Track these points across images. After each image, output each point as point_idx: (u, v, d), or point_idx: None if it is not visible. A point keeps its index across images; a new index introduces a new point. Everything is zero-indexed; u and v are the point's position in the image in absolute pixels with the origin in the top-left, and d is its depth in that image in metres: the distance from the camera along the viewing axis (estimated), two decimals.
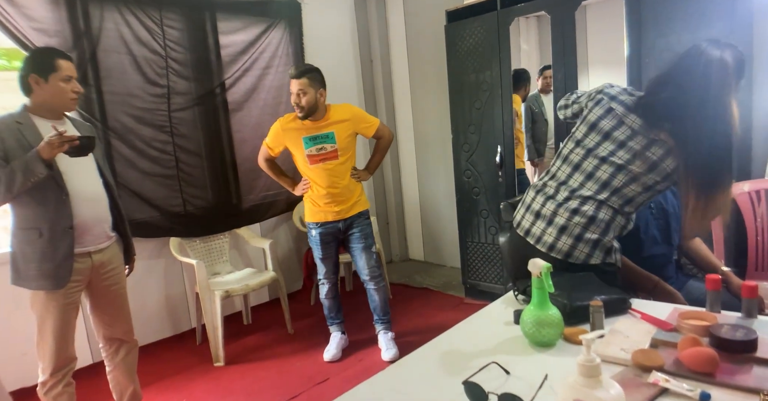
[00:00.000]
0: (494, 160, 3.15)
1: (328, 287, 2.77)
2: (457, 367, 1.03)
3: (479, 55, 3.14)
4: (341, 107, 2.61)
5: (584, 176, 1.50)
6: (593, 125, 1.51)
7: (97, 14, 2.71)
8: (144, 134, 2.91)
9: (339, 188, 2.58)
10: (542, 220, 1.54)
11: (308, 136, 2.54)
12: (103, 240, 1.96)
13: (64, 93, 1.82)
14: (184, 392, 2.53)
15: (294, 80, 2.46)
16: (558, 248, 1.48)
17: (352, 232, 2.67)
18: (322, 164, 2.55)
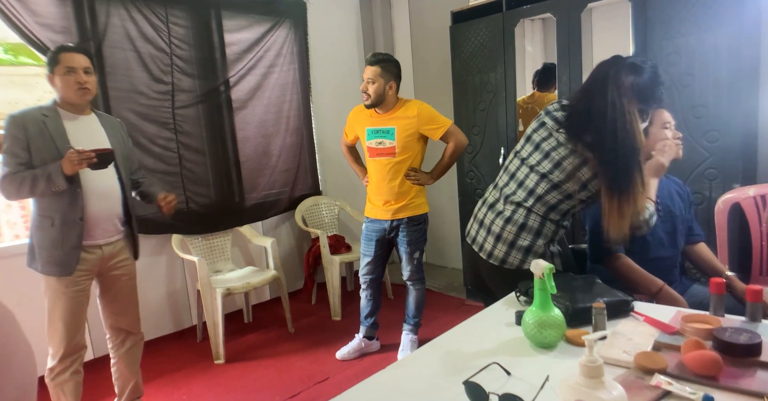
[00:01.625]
0: (497, 162, 3.14)
1: (363, 287, 2.72)
2: (457, 367, 1.02)
3: (484, 56, 3.13)
4: (410, 104, 2.50)
5: (516, 183, 1.59)
6: (528, 137, 1.59)
7: (103, 10, 2.71)
8: (148, 130, 2.92)
9: (390, 186, 2.50)
10: (484, 229, 1.64)
11: (371, 128, 2.49)
12: (113, 234, 2.01)
13: (68, 85, 1.85)
14: (184, 388, 2.52)
15: (367, 67, 2.42)
16: (495, 256, 1.58)
17: (399, 236, 2.59)
18: (379, 158, 2.50)
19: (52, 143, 1.83)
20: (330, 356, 2.76)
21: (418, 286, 2.69)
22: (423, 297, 2.73)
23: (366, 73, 2.43)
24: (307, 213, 3.71)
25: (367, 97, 2.44)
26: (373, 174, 2.56)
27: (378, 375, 1.03)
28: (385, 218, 2.56)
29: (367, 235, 2.65)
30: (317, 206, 3.79)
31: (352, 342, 2.78)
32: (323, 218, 3.80)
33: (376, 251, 2.65)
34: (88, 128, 1.95)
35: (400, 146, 2.46)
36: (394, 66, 2.47)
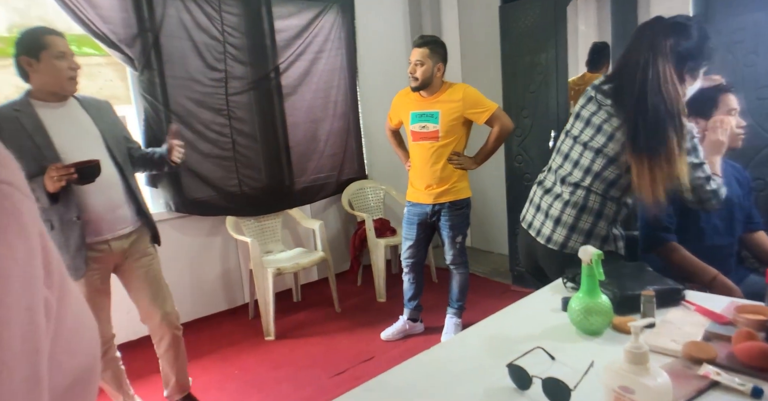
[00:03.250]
0: (547, 145, 3.07)
1: (405, 270, 2.76)
2: (502, 350, 1.05)
3: (534, 36, 3.05)
4: (455, 87, 2.48)
5: (571, 163, 1.54)
6: (578, 114, 1.54)
7: (160, 2, 2.82)
8: (203, 117, 3.04)
9: (432, 170, 2.51)
10: (541, 212, 1.60)
11: (415, 111, 2.50)
12: (122, 226, 1.86)
13: (60, 71, 1.67)
14: (237, 363, 2.67)
15: (415, 49, 2.40)
16: (554, 240, 1.54)
17: (441, 220, 2.59)
18: (422, 142, 2.51)
19: (30, 141, 1.64)
20: (375, 336, 2.84)
21: (461, 270, 2.71)
22: (466, 281, 2.75)
23: (414, 56, 2.42)
24: (354, 197, 3.77)
25: (414, 80, 2.43)
26: (416, 158, 2.57)
27: (422, 355, 1.07)
28: (427, 202, 2.57)
29: (408, 219, 2.67)
30: (363, 190, 3.85)
31: (396, 324, 2.84)
32: (369, 201, 3.86)
33: (417, 235, 2.67)
34: (70, 117, 1.77)
35: (443, 130, 2.45)
36: (442, 48, 2.45)
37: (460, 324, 2.76)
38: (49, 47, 1.64)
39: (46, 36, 1.65)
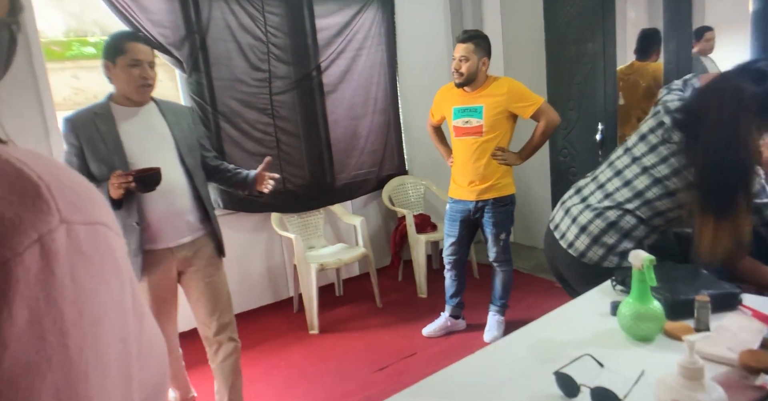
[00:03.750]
0: (594, 138, 2.98)
1: (447, 267, 2.75)
2: (548, 356, 1.03)
3: (580, 25, 2.95)
4: (500, 81, 2.45)
5: (622, 181, 1.50)
6: (643, 136, 1.50)
7: (206, 5, 2.90)
8: (249, 116, 3.12)
9: (475, 167, 2.48)
10: (569, 217, 1.58)
11: (458, 107, 2.48)
12: (185, 234, 1.80)
13: (130, 79, 1.67)
14: (283, 355, 2.74)
15: (459, 44, 2.37)
16: (576, 247, 1.53)
17: (484, 217, 2.57)
18: (465, 137, 2.48)
19: (102, 144, 1.67)
20: (416, 332, 2.85)
21: (504, 267, 2.68)
22: (510, 279, 2.71)
23: (458, 52, 2.38)
24: (394, 193, 3.78)
25: (459, 76, 2.40)
26: (459, 154, 2.55)
27: (468, 359, 1.06)
28: (469, 198, 2.55)
29: (451, 216, 2.65)
30: (403, 186, 3.86)
31: (438, 320, 2.84)
32: (409, 197, 3.86)
33: (460, 232, 2.65)
34: (144, 122, 1.76)
35: (487, 125, 2.42)
36: (486, 42, 2.42)
37: (503, 321, 2.73)
38: (126, 53, 1.65)
39: (127, 42, 1.66)
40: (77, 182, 0.33)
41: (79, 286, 0.30)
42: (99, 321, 0.31)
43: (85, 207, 0.32)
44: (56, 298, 0.29)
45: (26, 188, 0.30)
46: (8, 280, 0.28)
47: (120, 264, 0.34)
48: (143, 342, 0.35)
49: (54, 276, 0.29)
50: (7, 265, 0.28)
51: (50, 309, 0.29)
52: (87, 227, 0.32)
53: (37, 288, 0.28)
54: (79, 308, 0.30)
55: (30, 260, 0.28)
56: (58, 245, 0.30)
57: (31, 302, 0.28)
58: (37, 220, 0.29)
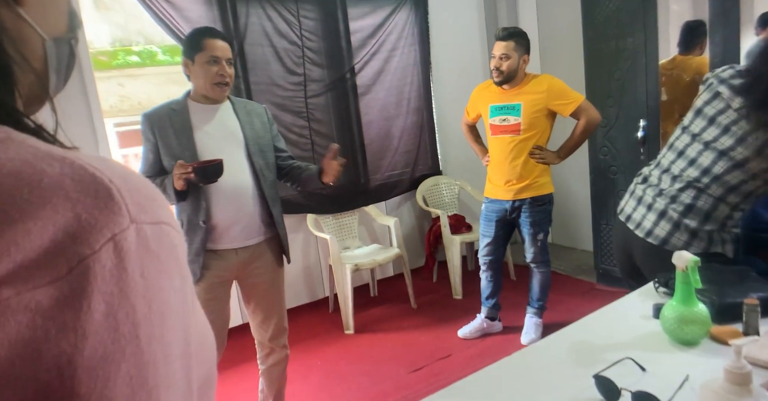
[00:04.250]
0: (636, 136, 2.89)
1: (483, 268, 2.73)
2: (588, 359, 1.01)
3: (620, 20, 2.87)
4: (539, 78, 2.42)
5: (686, 161, 1.43)
6: (699, 111, 1.43)
7: (243, 11, 2.98)
8: (285, 120, 3.18)
9: (512, 166, 2.44)
10: (643, 205, 1.51)
11: (495, 105, 2.45)
12: (252, 236, 1.77)
13: (208, 76, 1.64)
14: (319, 354, 2.78)
15: (499, 42, 2.34)
16: (655, 234, 1.45)
17: (521, 217, 2.53)
18: (502, 136, 2.46)
19: (175, 140, 1.67)
20: (451, 333, 2.84)
21: (542, 269, 2.63)
22: (548, 280, 2.66)
23: (498, 50, 2.35)
24: (428, 193, 3.77)
25: (500, 74, 2.37)
26: (495, 153, 2.52)
27: (505, 361, 1.05)
28: (506, 198, 2.51)
29: (486, 215, 2.62)
30: (437, 186, 3.84)
31: (474, 322, 2.81)
32: (443, 197, 3.84)
33: (496, 232, 2.62)
34: (218, 120, 1.74)
35: (526, 123, 2.38)
36: (525, 39, 2.39)
37: (541, 324, 2.69)
38: (204, 50, 1.62)
39: (206, 39, 1.63)
40: (143, 184, 0.36)
41: (148, 281, 0.32)
42: (165, 314, 0.33)
43: (150, 208, 0.34)
44: (128, 293, 0.31)
45: (100, 191, 0.32)
46: (87, 276, 0.30)
47: (181, 260, 0.36)
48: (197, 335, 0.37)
49: (126, 272, 0.31)
50: (86, 262, 0.30)
51: (123, 303, 0.31)
52: (153, 226, 0.34)
53: (112, 284, 0.31)
54: (148, 302, 0.32)
55: (105, 258, 0.31)
56: (129, 244, 0.32)
57: (107, 296, 0.30)
58: (110, 220, 0.32)
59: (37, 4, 0.41)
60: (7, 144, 0.34)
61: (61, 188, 0.31)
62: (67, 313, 0.29)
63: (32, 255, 0.29)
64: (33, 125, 0.38)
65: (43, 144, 0.35)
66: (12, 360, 0.28)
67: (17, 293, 0.29)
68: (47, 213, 0.30)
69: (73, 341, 0.29)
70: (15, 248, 0.29)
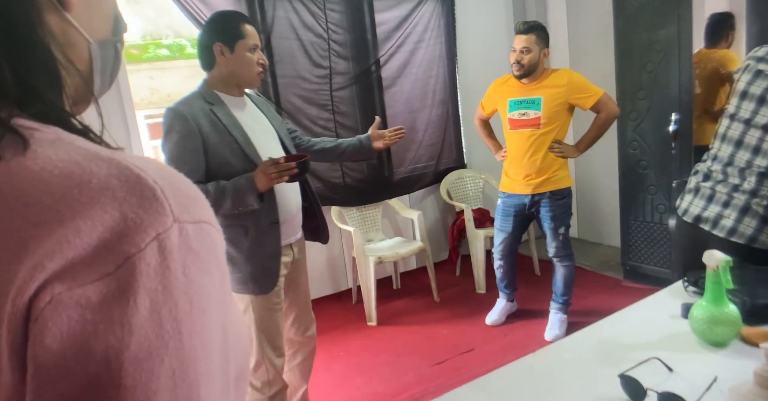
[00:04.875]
0: (667, 130, 2.82)
1: (499, 263, 2.76)
2: (613, 358, 1.00)
3: (653, 11, 2.79)
4: (559, 72, 2.44)
5: (749, 151, 1.34)
6: (744, 93, 1.35)
7: (271, 5, 3.00)
8: (310, 113, 3.20)
9: (532, 160, 2.45)
10: (716, 204, 1.41)
11: (514, 99, 2.46)
12: (298, 228, 1.74)
13: (251, 65, 1.53)
14: (342, 345, 2.81)
15: (520, 36, 2.34)
16: (740, 232, 1.35)
17: (541, 211, 2.53)
18: (521, 130, 2.46)
19: (229, 137, 1.50)
20: (474, 327, 2.84)
21: (565, 263, 2.61)
22: (572, 275, 2.64)
23: (519, 43, 2.35)
24: (452, 187, 3.76)
25: (520, 67, 2.37)
26: (514, 147, 2.52)
27: (529, 358, 1.05)
28: (525, 192, 2.52)
29: (504, 210, 2.64)
30: (462, 180, 3.82)
31: (497, 307, 2.88)
32: (468, 191, 3.82)
33: (514, 226, 2.64)
34: (252, 113, 1.66)
35: (546, 117, 2.39)
36: (545, 33, 2.38)
37: (566, 320, 2.66)
38: (246, 38, 1.51)
39: (244, 25, 1.52)
40: (185, 184, 0.37)
41: (190, 279, 0.34)
42: (205, 311, 0.35)
43: (192, 207, 0.36)
44: (171, 290, 0.33)
45: (145, 192, 0.34)
46: (133, 273, 0.31)
47: (220, 258, 0.38)
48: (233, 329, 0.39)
49: (169, 270, 0.33)
50: (132, 259, 0.32)
51: (167, 299, 0.32)
52: (195, 225, 0.35)
53: (156, 281, 0.32)
54: (190, 298, 0.33)
55: (150, 256, 0.32)
56: (172, 242, 0.33)
57: (152, 293, 0.32)
58: (155, 220, 0.33)
59: (84, 9, 0.42)
60: (57, 145, 0.35)
61: (109, 188, 0.33)
62: (115, 309, 0.31)
63: (82, 253, 0.31)
64: (80, 126, 0.40)
65: (91, 145, 0.37)
66: (63, 353, 0.30)
67: (68, 289, 0.30)
68: (96, 213, 0.32)
69: (120, 335, 0.30)
70: (67, 245, 0.31)
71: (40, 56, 0.38)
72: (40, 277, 0.31)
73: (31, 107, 0.37)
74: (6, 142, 0.34)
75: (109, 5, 0.47)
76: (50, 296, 0.30)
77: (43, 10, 0.39)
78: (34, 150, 0.34)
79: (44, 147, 0.35)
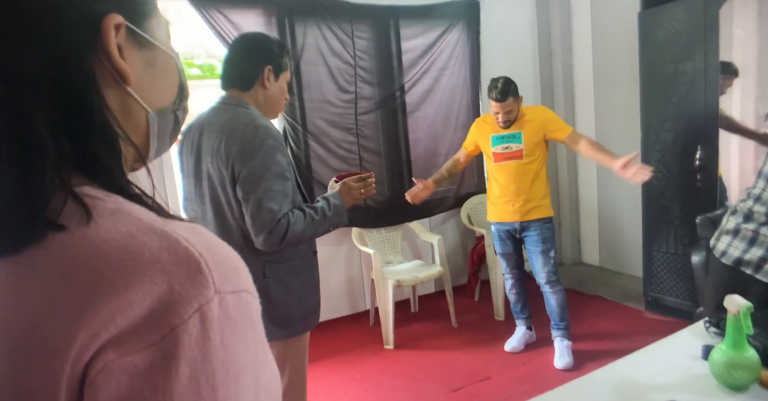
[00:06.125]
0: (692, 162, 2.80)
1: (511, 282, 2.85)
2: (632, 399, 1.01)
3: (679, 43, 2.80)
4: (534, 110, 2.66)
5: None
6: None
7: (301, 31, 3.10)
8: (335, 136, 3.28)
9: (518, 186, 2.61)
10: (759, 246, 1.37)
11: (496, 134, 2.63)
12: None
13: (283, 96, 1.51)
14: (358, 368, 2.82)
15: (499, 103, 2.48)
16: None
17: (529, 234, 2.66)
18: (506, 162, 2.63)
19: (290, 160, 1.46)
20: (492, 354, 2.82)
21: (557, 287, 2.69)
22: (564, 298, 2.71)
23: (498, 108, 2.50)
24: (473, 211, 3.77)
25: (506, 123, 2.56)
26: (500, 178, 2.66)
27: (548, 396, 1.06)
28: (513, 220, 2.65)
29: (499, 236, 2.77)
30: (483, 205, 3.80)
31: (517, 334, 2.89)
32: None
33: (513, 248, 2.76)
34: None
35: (527, 148, 2.56)
36: (515, 85, 2.53)
37: (570, 345, 2.70)
38: (287, 70, 1.49)
39: (286, 57, 1.48)
40: (228, 255, 0.40)
41: (226, 347, 0.36)
42: (239, 377, 0.37)
43: (233, 277, 0.38)
44: (210, 358, 0.35)
45: (191, 264, 0.36)
46: (176, 343, 0.34)
47: (255, 323, 0.40)
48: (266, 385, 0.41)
49: (209, 340, 0.35)
50: (176, 330, 0.34)
51: (205, 367, 0.34)
52: (234, 295, 0.37)
53: (196, 350, 0.34)
54: (226, 366, 0.36)
55: (192, 326, 0.34)
56: (213, 314, 0.35)
57: (192, 362, 0.34)
58: (199, 293, 0.35)
59: (147, 81, 0.45)
60: (117, 216, 0.38)
61: (159, 261, 0.35)
62: (159, 376, 0.33)
63: (133, 322, 0.34)
64: (137, 191, 0.43)
65: (146, 214, 0.40)
66: None
67: (119, 357, 0.33)
68: (147, 285, 0.34)
69: None
70: (120, 316, 0.33)
71: (99, 126, 0.41)
72: (96, 345, 0.33)
73: (99, 176, 0.40)
74: (71, 211, 0.37)
75: (174, 76, 0.50)
76: (103, 364, 0.33)
77: (102, 84, 0.41)
78: (96, 221, 0.37)
79: (105, 218, 0.38)
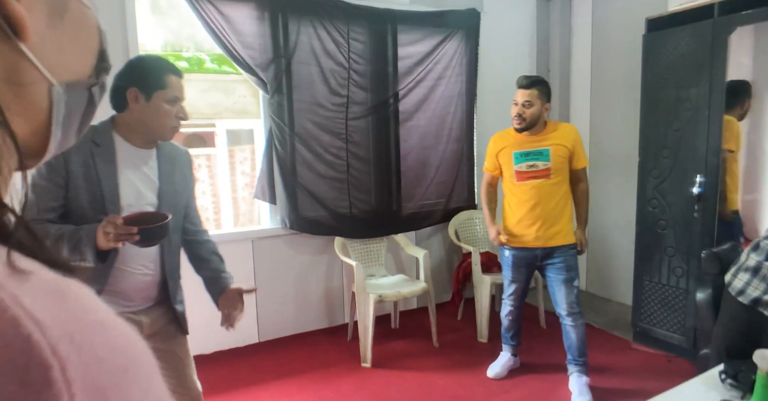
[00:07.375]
0: (690, 191, 2.72)
1: (510, 309, 2.67)
2: None
3: (684, 68, 2.73)
4: (566, 126, 2.48)
5: None
6: None
7: (294, 29, 2.96)
8: (323, 139, 3.13)
9: (545, 209, 2.41)
10: None
11: (520, 151, 2.43)
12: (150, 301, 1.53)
13: (167, 118, 1.36)
14: (333, 386, 2.66)
15: (522, 90, 2.35)
16: None
17: (552, 262, 2.45)
18: (530, 181, 2.42)
19: (97, 187, 1.32)
20: (474, 379, 2.68)
21: (580, 320, 2.47)
22: (584, 332, 2.51)
23: (521, 97, 2.35)
24: (461, 227, 3.65)
25: (521, 121, 2.36)
26: (524, 199, 2.45)
27: None
28: (535, 245, 2.46)
29: (515, 262, 2.55)
30: (471, 221, 3.71)
31: (501, 359, 2.74)
32: (477, 233, 3.70)
33: (527, 277, 2.60)
34: (140, 170, 1.42)
35: (555, 167, 2.38)
36: (548, 87, 2.40)
37: (588, 381, 2.46)
38: (166, 89, 1.34)
39: (167, 75, 1.35)
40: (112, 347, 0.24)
41: None
42: None
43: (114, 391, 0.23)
44: None
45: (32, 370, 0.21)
46: None
47: None
48: None
49: None
50: None
51: None
52: None
53: None
54: None
55: None
56: None
57: None
58: None
59: (53, 38, 0.32)
60: None
61: None
62: None
63: None
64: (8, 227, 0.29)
65: None
66: None
67: None
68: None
69: None
70: None
71: None
72: None
73: None
74: None
75: (94, 36, 0.36)
76: None
77: None
78: None
79: None
